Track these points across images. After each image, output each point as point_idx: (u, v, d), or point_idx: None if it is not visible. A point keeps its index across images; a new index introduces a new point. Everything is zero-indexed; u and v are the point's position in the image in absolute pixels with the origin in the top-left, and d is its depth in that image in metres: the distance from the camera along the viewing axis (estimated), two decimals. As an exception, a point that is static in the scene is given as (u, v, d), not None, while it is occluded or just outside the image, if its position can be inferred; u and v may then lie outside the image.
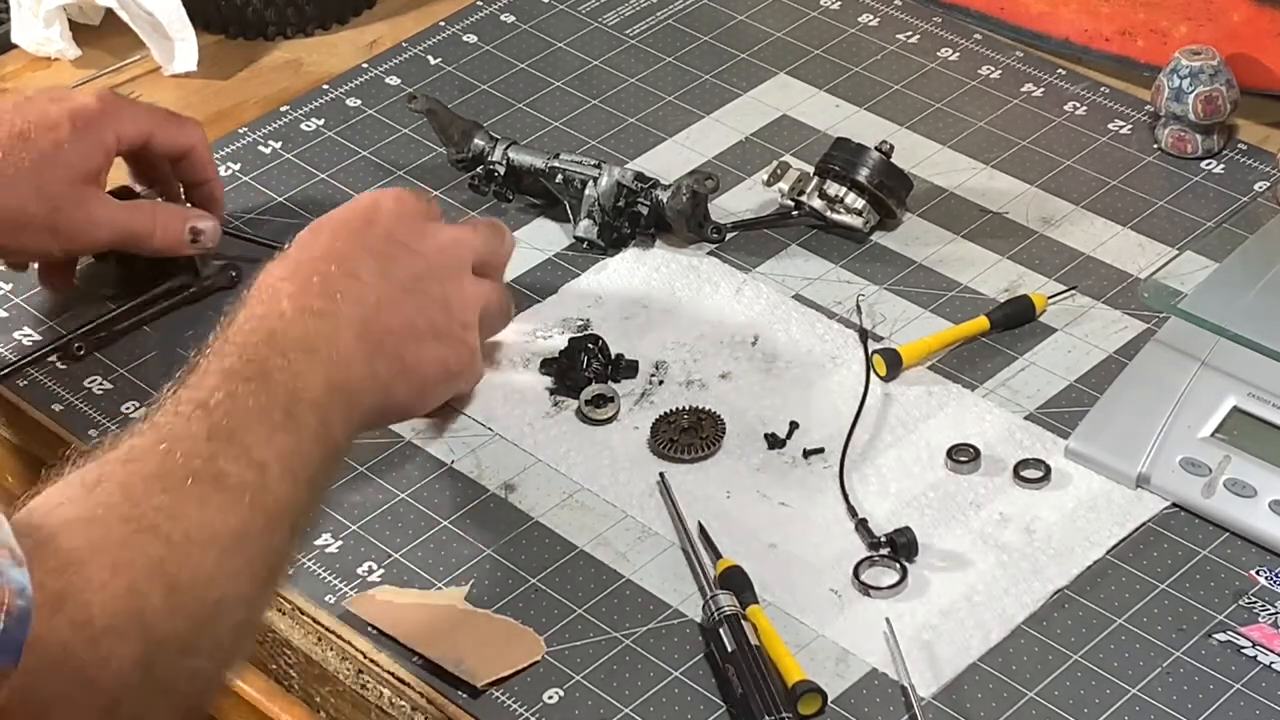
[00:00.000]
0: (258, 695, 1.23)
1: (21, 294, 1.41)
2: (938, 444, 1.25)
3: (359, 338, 1.12)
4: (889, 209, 1.40)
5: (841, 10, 1.62)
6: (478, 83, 1.57)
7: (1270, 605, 1.15)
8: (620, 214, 1.40)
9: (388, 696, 1.15)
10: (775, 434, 1.26)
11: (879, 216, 1.40)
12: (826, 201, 1.39)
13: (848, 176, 1.38)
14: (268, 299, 1.11)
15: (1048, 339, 1.32)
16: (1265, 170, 1.44)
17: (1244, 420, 1.21)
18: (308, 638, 1.19)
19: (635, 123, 1.52)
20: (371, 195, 1.22)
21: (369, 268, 1.16)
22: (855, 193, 1.39)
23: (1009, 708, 1.10)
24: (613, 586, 1.18)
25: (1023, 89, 1.53)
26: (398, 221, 1.20)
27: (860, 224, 1.39)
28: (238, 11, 1.64)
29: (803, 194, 1.40)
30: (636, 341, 1.33)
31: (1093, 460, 1.23)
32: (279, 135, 1.53)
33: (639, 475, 1.25)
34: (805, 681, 1.10)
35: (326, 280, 1.13)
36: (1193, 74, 1.43)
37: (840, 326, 1.34)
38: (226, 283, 1.39)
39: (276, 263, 1.15)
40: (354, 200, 1.22)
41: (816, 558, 1.19)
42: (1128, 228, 1.40)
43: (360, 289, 1.14)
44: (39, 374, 1.35)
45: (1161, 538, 1.19)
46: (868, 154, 1.39)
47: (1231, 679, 1.11)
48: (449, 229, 1.24)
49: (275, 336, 1.08)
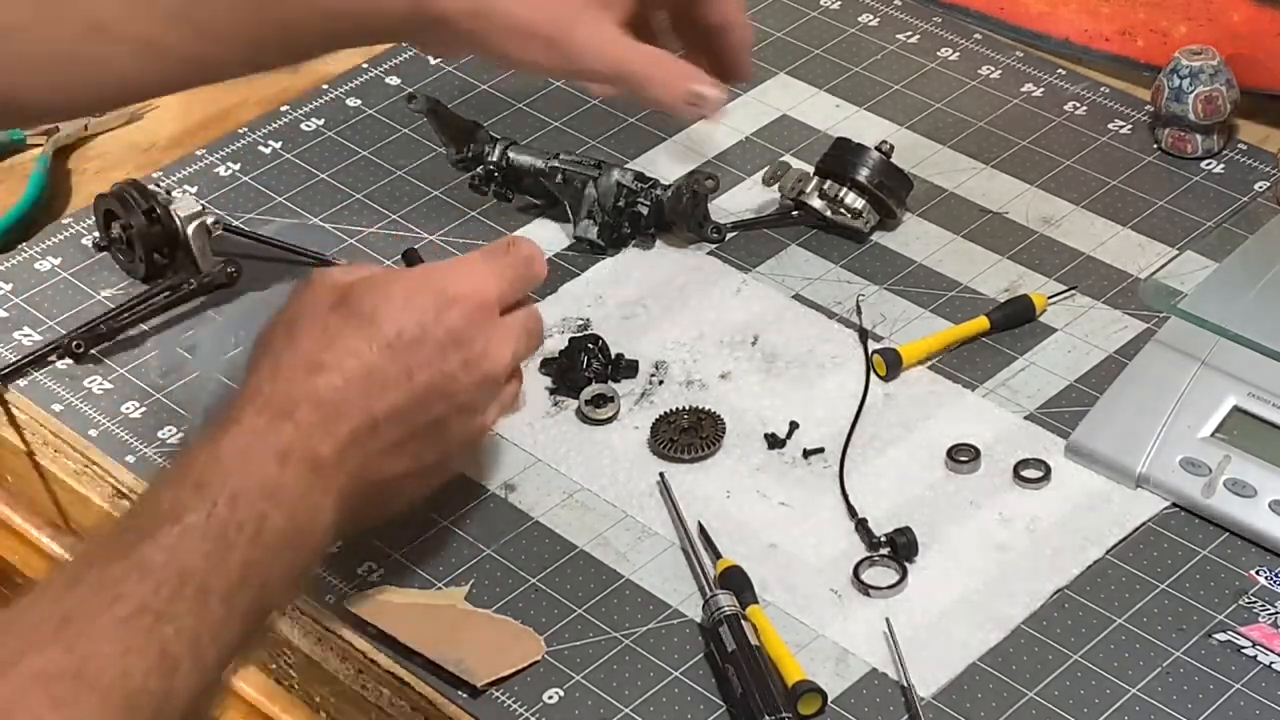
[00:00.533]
0: (258, 695, 1.23)
1: (22, 294, 1.41)
2: (938, 444, 1.25)
3: (340, 509, 1.05)
4: (889, 209, 1.40)
5: (841, 10, 1.62)
6: (478, 83, 1.57)
7: (1270, 605, 1.15)
8: (620, 214, 1.40)
9: (388, 696, 1.15)
10: (775, 434, 1.26)
11: (879, 216, 1.40)
12: (827, 201, 1.39)
13: (848, 176, 1.38)
14: (260, 445, 1.02)
15: (1048, 339, 1.32)
16: (1265, 170, 1.44)
17: (1244, 420, 1.21)
18: (308, 638, 1.19)
19: (635, 123, 1.52)
20: (425, 305, 1.09)
21: (388, 420, 1.08)
22: (855, 192, 1.39)
23: (1009, 708, 1.10)
24: (613, 586, 1.18)
25: (1023, 89, 1.53)
26: (441, 356, 1.09)
27: (861, 224, 1.39)
28: (238, 11, 1.64)
29: (802, 194, 1.40)
30: (636, 341, 1.33)
31: (1093, 460, 1.23)
32: (279, 135, 1.53)
33: (639, 475, 1.25)
34: (805, 681, 1.10)
35: (331, 433, 1.05)
36: (1193, 74, 1.43)
37: (840, 326, 1.34)
38: (226, 281, 1.39)
39: (282, 374, 1.06)
40: (406, 302, 1.10)
41: (816, 558, 1.19)
42: (1128, 228, 1.40)
43: (365, 450, 1.07)
44: (39, 374, 1.35)
45: (1161, 537, 1.19)
46: (868, 154, 1.39)
47: (1231, 679, 1.11)
48: (495, 337, 1.12)
49: (252, 497, 1.00)
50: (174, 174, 1.50)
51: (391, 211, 1.46)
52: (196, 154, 1.52)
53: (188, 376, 1.34)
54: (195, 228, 1.39)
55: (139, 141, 1.55)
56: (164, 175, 1.50)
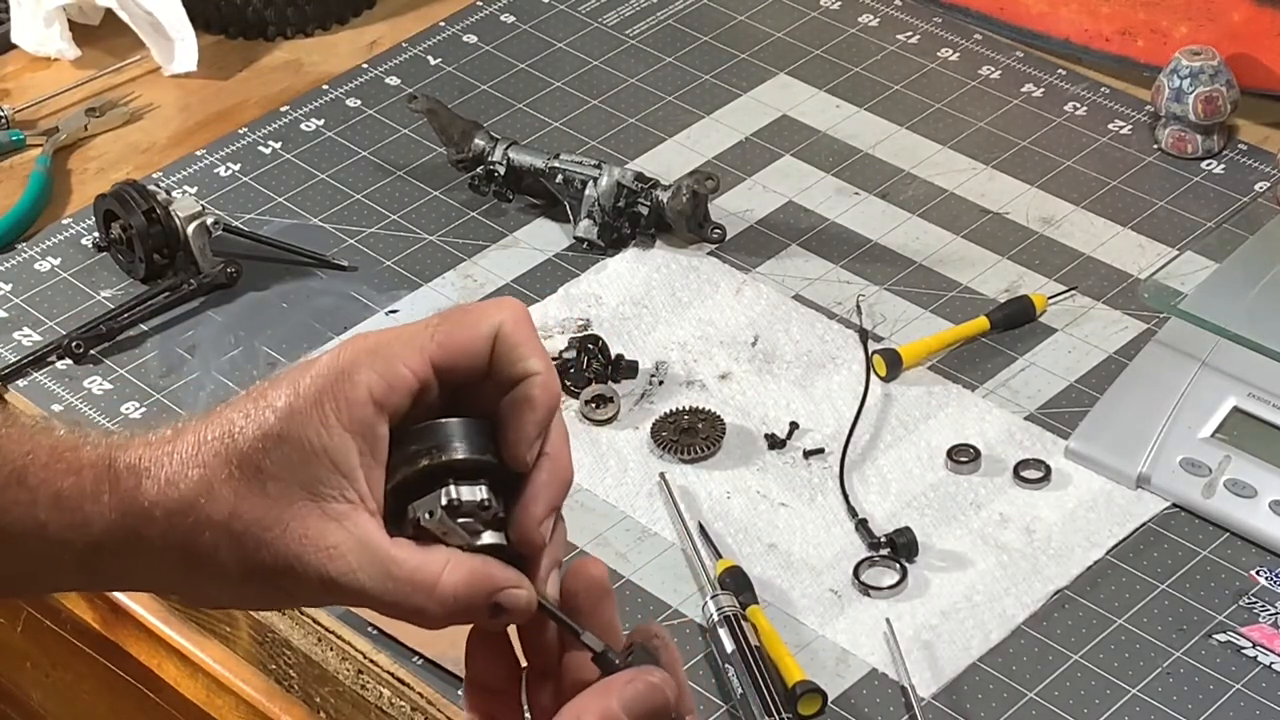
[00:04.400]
0: (258, 695, 1.23)
1: (22, 294, 1.41)
2: (938, 444, 1.25)
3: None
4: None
5: (841, 10, 1.62)
6: (478, 83, 1.57)
7: (1270, 605, 1.15)
8: (620, 214, 1.40)
9: (388, 696, 1.15)
10: (775, 434, 1.26)
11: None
12: None
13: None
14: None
15: (1048, 339, 1.32)
16: (1265, 170, 1.44)
17: (1244, 420, 1.21)
18: (308, 638, 1.19)
19: (635, 123, 1.52)
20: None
21: None
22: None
23: (1009, 708, 1.10)
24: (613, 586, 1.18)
25: (1023, 89, 1.53)
26: None
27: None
28: (238, 11, 1.64)
29: None
30: (636, 341, 1.33)
31: (1093, 460, 1.23)
32: (279, 135, 1.53)
33: (639, 475, 1.25)
34: (805, 681, 1.10)
35: None
36: (1193, 74, 1.43)
37: (840, 326, 1.34)
38: (226, 281, 1.39)
39: None
40: None
41: (816, 558, 1.19)
42: (1128, 228, 1.40)
43: None
44: (39, 374, 1.35)
45: (1161, 538, 1.19)
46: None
47: (1231, 679, 1.11)
48: None
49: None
50: (174, 174, 1.50)
51: (391, 211, 1.46)
52: (196, 154, 1.52)
53: (188, 376, 1.34)
54: (195, 228, 1.39)
55: (139, 141, 1.55)
56: (164, 175, 1.50)
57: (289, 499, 0.82)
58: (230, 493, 0.82)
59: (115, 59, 1.62)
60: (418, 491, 0.83)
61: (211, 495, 0.82)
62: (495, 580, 0.83)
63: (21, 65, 1.64)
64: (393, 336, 0.84)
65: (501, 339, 0.84)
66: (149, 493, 0.83)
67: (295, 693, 1.22)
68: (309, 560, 0.81)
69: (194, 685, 1.26)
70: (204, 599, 0.87)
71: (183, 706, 1.28)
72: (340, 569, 0.81)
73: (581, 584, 0.86)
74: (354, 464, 0.82)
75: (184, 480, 0.82)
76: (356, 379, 0.82)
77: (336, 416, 0.81)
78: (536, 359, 0.84)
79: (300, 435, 0.81)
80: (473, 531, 0.83)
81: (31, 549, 0.84)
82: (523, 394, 0.84)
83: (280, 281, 1.40)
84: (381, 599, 0.82)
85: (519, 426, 0.84)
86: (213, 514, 0.82)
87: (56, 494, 0.83)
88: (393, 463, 0.83)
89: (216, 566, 0.83)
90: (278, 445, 0.82)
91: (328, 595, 0.83)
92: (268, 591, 0.84)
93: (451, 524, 0.82)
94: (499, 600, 0.82)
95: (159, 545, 0.83)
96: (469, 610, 0.83)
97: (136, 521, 0.83)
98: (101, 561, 0.84)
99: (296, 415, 0.82)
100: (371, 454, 0.82)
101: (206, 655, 1.24)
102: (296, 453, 0.81)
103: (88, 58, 1.62)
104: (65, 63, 1.62)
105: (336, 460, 0.82)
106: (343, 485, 0.82)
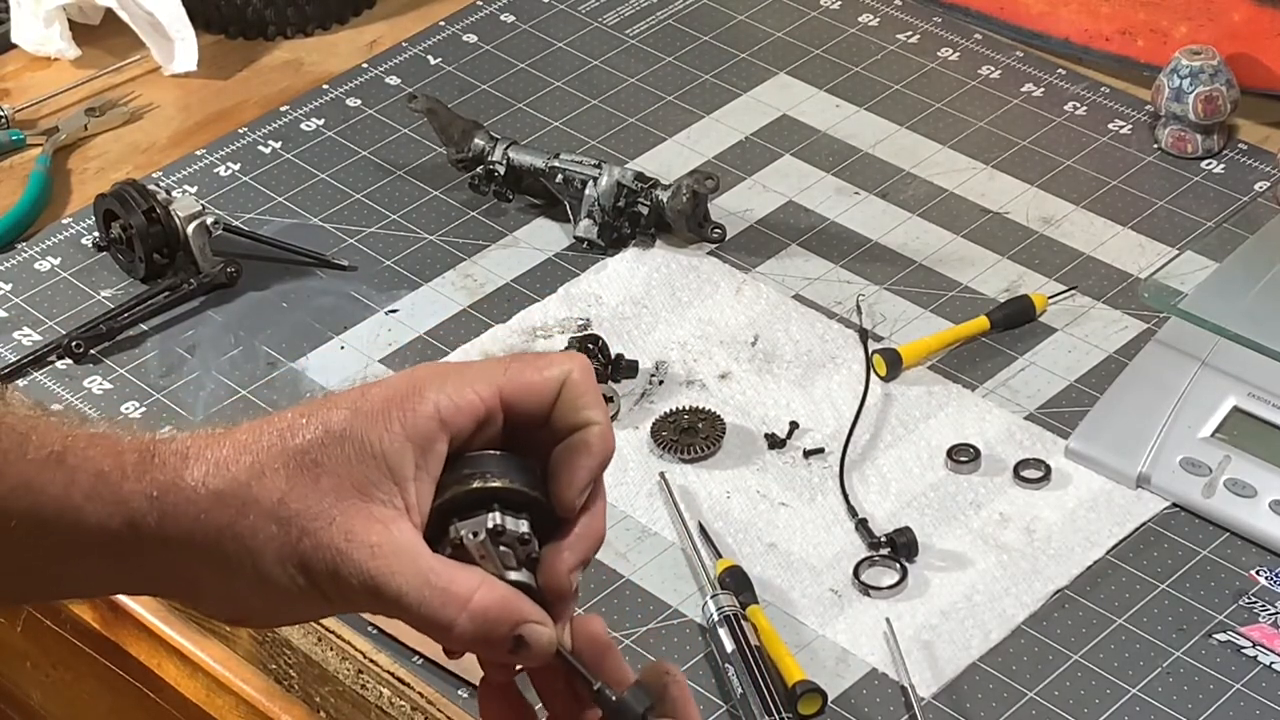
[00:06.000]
0: (258, 695, 1.23)
1: (22, 294, 1.41)
2: (938, 444, 1.25)
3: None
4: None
5: (841, 10, 1.62)
6: (478, 83, 1.57)
7: (1270, 605, 1.15)
8: (620, 214, 1.40)
9: (388, 696, 1.15)
10: (775, 434, 1.26)
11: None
12: None
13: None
14: None
15: (1048, 339, 1.32)
16: (1265, 170, 1.44)
17: (1244, 420, 1.21)
18: (308, 638, 1.19)
19: (635, 123, 1.52)
20: None
21: None
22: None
23: (1009, 708, 1.10)
24: (613, 586, 1.18)
25: (1023, 89, 1.53)
26: None
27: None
28: (238, 11, 1.64)
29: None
30: (636, 341, 1.33)
31: (1093, 460, 1.23)
32: (279, 135, 1.53)
33: (639, 475, 1.25)
34: (805, 681, 1.10)
35: None
36: (1193, 74, 1.43)
37: (840, 326, 1.34)
38: (226, 281, 1.39)
39: None
40: None
41: (816, 558, 1.19)
42: (1128, 228, 1.40)
43: None
44: (39, 374, 1.35)
45: (1161, 538, 1.19)
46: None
47: (1231, 679, 1.11)
48: None
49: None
50: (174, 174, 1.50)
51: (391, 211, 1.46)
52: (196, 154, 1.52)
53: (188, 376, 1.34)
54: (195, 228, 1.39)
55: (139, 141, 1.55)
56: (164, 175, 1.50)
57: (340, 495, 0.83)
58: (283, 480, 0.83)
59: (115, 59, 1.62)
60: (462, 515, 0.84)
61: (262, 481, 0.83)
62: (524, 612, 0.84)
63: (21, 65, 1.64)
64: (466, 366, 0.87)
65: (569, 386, 0.86)
66: (195, 473, 0.84)
67: (295, 693, 1.22)
68: (351, 555, 0.82)
69: (194, 685, 1.26)
70: (229, 599, 0.87)
71: (183, 706, 1.28)
72: (379, 568, 0.82)
73: (583, 642, 0.87)
74: (408, 473, 0.83)
75: (235, 464, 0.84)
76: (426, 394, 0.84)
77: (401, 425, 0.84)
78: (599, 411, 0.87)
79: (362, 436, 0.83)
80: (508, 564, 0.84)
81: (63, 535, 0.84)
82: (581, 440, 0.86)
83: (280, 281, 1.40)
84: (414, 606, 0.83)
85: (572, 471, 0.86)
86: (261, 497, 0.83)
87: (97, 474, 0.84)
88: (443, 482, 0.85)
89: (252, 557, 0.83)
90: (338, 443, 0.84)
91: (360, 596, 0.83)
92: (296, 592, 0.84)
93: (492, 548, 0.84)
94: (523, 633, 0.83)
95: (198, 529, 0.84)
96: (492, 637, 0.83)
97: (177, 501, 0.84)
98: (132, 549, 0.84)
99: (360, 418, 0.84)
100: (426, 468, 0.84)
101: (206, 655, 1.24)
102: (355, 452, 0.83)
103: (88, 58, 1.63)
104: (65, 62, 1.62)
105: (392, 465, 0.83)
106: (393, 491, 0.83)
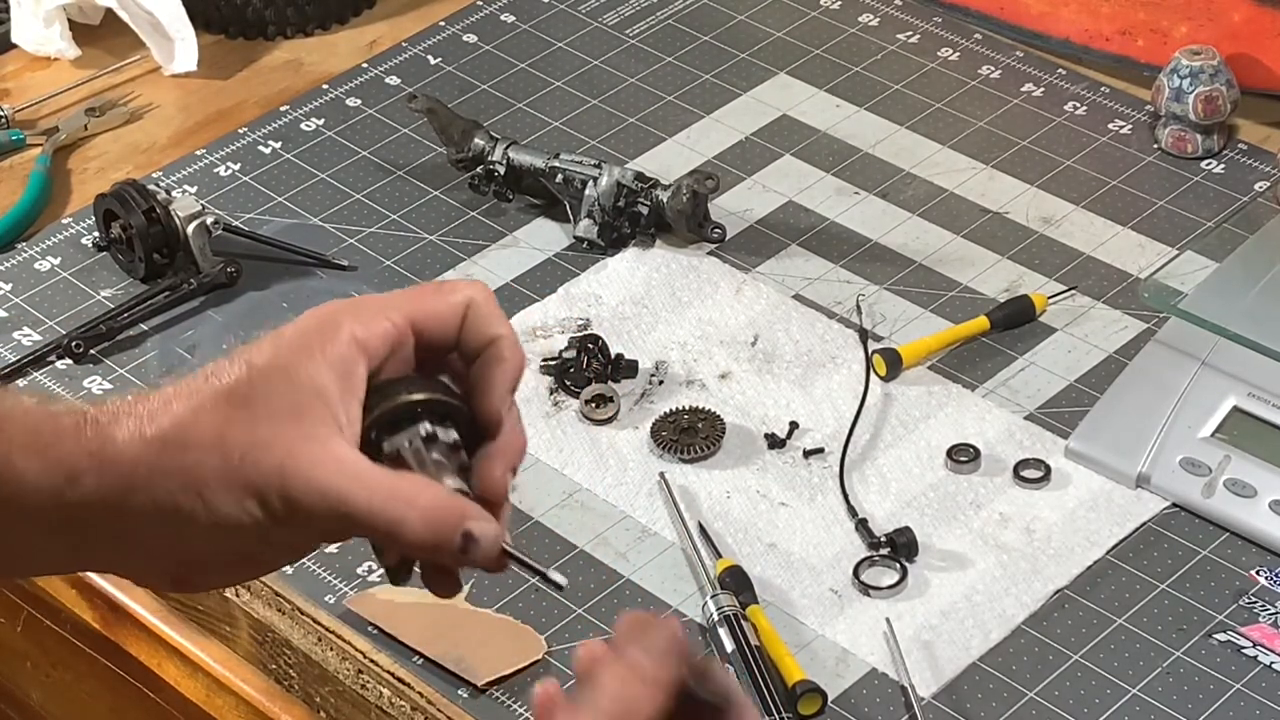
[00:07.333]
0: (258, 695, 1.23)
1: (22, 294, 1.41)
2: (938, 444, 1.25)
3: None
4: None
5: (841, 10, 1.62)
6: (478, 83, 1.57)
7: (1270, 605, 1.15)
8: (620, 214, 1.40)
9: (388, 696, 1.15)
10: (775, 434, 1.26)
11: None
12: None
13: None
14: None
15: (1048, 339, 1.32)
16: (1265, 170, 1.44)
17: (1244, 420, 1.21)
18: (308, 638, 1.19)
19: (635, 123, 1.52)
20: None
21: None
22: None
23: (1009, 708, 1.10)
24: (613, 586, 1.18)
25: (1023, 89, 1.53)
26: None
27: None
28: (238, 11, 1.64)
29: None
30: (636, 341, 1.33)
31: (1093, 460, 1.23)
32: (279, 135, 1.53)
33: (639, 475, 1.25)
34: (805, 681, 1.10)
35: None
36: (1193, 74, 1.43)
37: (840, 326, 1.34)
38: (226, 281, 1.39)
39: None
40: None
41: (816, 558, 1.19)
42: (1128, 228, 1.40)
43: None
44: (39, 374, 1.35)
45: (1161, 538, 1.19)
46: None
47: (1231, 679, 1.11)
48: None
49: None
50: (174, 174, 1.50)
51: (391, 211, 1.46)
52: (196, 154, 1.52)
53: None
54: (195, 228, 1.39)
55: (139, 141, 1.55)
56: (164, 175, 1.50)
57: (274, 421, 0.86)
58: (220, 418, 0.86)
59: (115, 59, 1.62)
60: (392, 431, 0.88)
61: (198, 420, 0.86)
62: (468, 509, 0.86)
63: (21, 65, 1.64)
64: (375, 297, 0.91)
65: (473, 308, 0.90)
66: (129, 426, 0.87)
67: (295, 693, 1.22)
68: (298, 471, 0.85)
69: (194, 685, 1.26)
70: (181, 556, 0.88)
71: (183, 706, 1.28)
72: (327, 480, 0.85)
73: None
74: (334, 395, 0.87)
75: (167, 412, 0.87)
76: (341, 324, 0.88)
77: (321, 353, 0.87)
78: (505, 326, 0.90)
79: (286, 367, 0.87)
80: (445, 470, 0.87)
81: (7, 499, 0.86)
82: (494, 353, 0.90)
83: (280, 281, 1.40)
84: (364, 513, 0.85)
85: (491, 381, 0.90)
86: (199, 435, 0.86)
87: (34, 435, 0.87)
88: (370, 403, 0.87)
89: (200, 495, 0.86)
90: (263, 377, 0.87)
91: (312, 514, 0.86)
92: (250, 524, 0.86)
93: (428, 455, 0.87)
94: (471, 528, 0.86)
95: (140, 478, 0.86)
96: (442, 535, 0.86)
97: (116, 454, 0.86)
98: (76, 514, 0.86)
99: (282, 352, 0.87)
100: (352, 390, 0.87)
101: (206, 655, 1.24)
102: (283, 383, 0.87)
103: (88, 58, 1.62)
104: (65, 62, 1.62)
105: (320, 389, 0.86)
106: (325, 413, 0.86)
